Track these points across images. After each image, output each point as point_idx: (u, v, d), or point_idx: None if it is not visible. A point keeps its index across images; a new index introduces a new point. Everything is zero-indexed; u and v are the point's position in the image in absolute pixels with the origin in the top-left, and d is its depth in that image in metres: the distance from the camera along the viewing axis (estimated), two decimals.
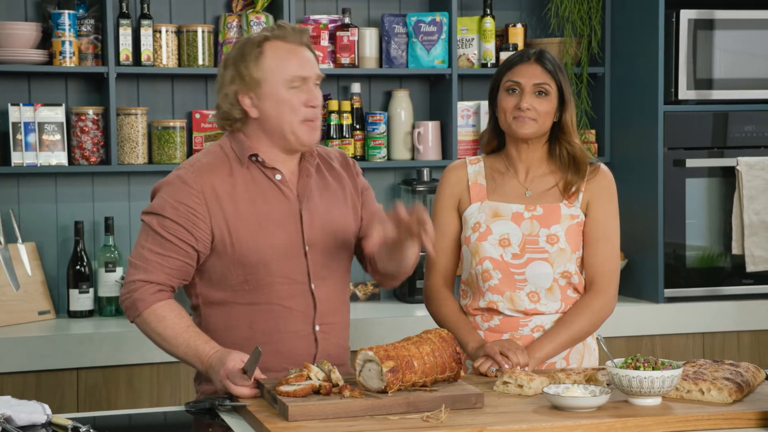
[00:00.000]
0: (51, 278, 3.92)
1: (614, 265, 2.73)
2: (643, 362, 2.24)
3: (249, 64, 2.48)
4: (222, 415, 2.27)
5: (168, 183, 2.51)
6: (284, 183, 2.54)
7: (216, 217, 2.48)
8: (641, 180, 4.08)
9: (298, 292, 2.53)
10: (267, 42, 2.49)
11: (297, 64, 2.48)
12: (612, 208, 2.74)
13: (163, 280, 2.48)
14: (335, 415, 2.13)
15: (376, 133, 4.13)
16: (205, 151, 2.58)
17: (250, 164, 2.53)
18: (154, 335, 2.49)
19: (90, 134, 3.85)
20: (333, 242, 2.57)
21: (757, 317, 4.05)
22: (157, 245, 2.48)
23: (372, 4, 4.24)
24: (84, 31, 3.86)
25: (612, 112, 4.26)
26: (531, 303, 2.69)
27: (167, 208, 2.47)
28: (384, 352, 2.23)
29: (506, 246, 2.69)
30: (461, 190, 2.77)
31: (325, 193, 2.60)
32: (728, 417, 2.18)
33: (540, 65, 2.68)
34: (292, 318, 2.52)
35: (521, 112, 2.66)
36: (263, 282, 2.50)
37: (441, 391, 2.24)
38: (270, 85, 2.47)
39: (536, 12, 4.36)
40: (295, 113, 2.48)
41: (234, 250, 2.49)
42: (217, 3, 4.09)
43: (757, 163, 4.03)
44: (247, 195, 2.51)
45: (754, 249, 4.03)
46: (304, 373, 2.27)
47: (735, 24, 4.04)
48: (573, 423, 2.12)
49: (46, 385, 3.48)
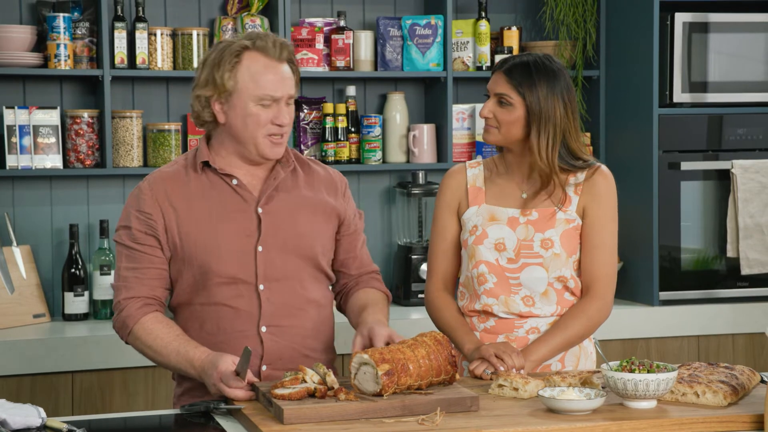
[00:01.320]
0: (46, 281, 3.92)
1: (611, 270, 2.73)
2: (639, 365, 2.25)
3: (224, 73, 2.49)
4: (217, 418, 2.27)
5: (131, 196, 2.60)
6: (241, 187, 2.56)
7: (169, 219, 2.54)
8: (636, 183, 4.08)
9: (244, 292, 2.54)
10: (246, 52, 2.50)
11: (271, 82, 2.49)
12: (610, 213, 2.73)
13: (146, 293, 2.53)
14: (330, 418, 2.14)
15: (371, 136, 4.13)
16: (169, 163, 2.65)
17: (206, 170, 2.57)
18: (146, 349, 2.51)
19: (85, 137, 3.85)
20: (292, 245, 2.57)
21: (752, 320, 4.06)
22: (130, 261, 2.55)
23: (367, 6, 4.25)
24: (79, 34, 3.86)
25: (607, 115, 4.27)
26: (526, 307, 2.70)
27: (132, 219, 2.56)
28: (379, 355, 2.23)
29: (501, 250, 2.69)
30: (461, 194, 2.78)
31: (293, 199, 2.60)
32: (723, 420, 2.18)
33: (505, 76, 2.66)
34: (238, 318, 2.54)
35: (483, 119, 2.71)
36: (210, 282, 2.53)
37: (436, 394, 2.24)
38: (240, 97, 2.49)
39: (531, 15, 4.37)
40: (260, 127, 2.51)
41: (183, 250, 2.53)
42: (212, 6, 4.09)
43: (752, 165, 4.03)
44: (202, 197, 2.55)
45: (748, 252, 4.03)
46: (299, 376, 2.27)
47: (729, 27, 4.05)
48: (568, 426, 2.12)
49: (41, 388, 3.48)
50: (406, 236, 4.20)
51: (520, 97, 2.66)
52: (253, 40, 2.51)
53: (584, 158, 2.74)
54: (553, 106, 2.65)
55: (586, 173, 2.73)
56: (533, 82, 2.65)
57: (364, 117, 4.14)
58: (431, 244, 2.82)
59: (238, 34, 3.95)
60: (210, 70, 2.51)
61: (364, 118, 4.13)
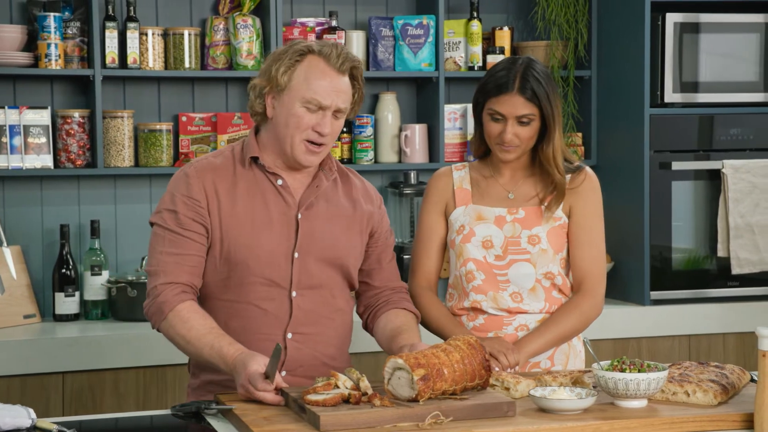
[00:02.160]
0: (36, 282, 3.91)
1: (601, 267, 2.76)
2: (629, 364, 2.25)
3: (281, 68, 2.49)
4: (208, 419, 2.27)
5: (175, 180, 2.55)
6: (286, 188, 2.55)
7: (213, 211, 2.51)
8: (627, 183, 4.09)
9: (276, 295, 2.52)
10: (309, 54, 2.49)
11: (322, 88, 2.47)
12: (596, 211, 2.75)
13: (185, 280, 2.48)
14: (368, 424, 2.09)
15: (363, 136, 4.13)
16: (215, 152, 2.62)
17: (253, 166, 2.55)
18: (179, 338, 2.45)
19: (76, 137, 3.84)
20: (327, 255, 2.56)
21: (743, 319, 4.06)
22: (172, 246, 2.49)
23: (359, 6, 4.24)
24: (70, 33, 3.86)
25: (598, 115, 4.27)
26: (514, 303, 2.71)
27: (178, 203, 2.51)
28: (414, 359, 2.19)
29: (489, 248, 2.71)
30: (447, 195, 2.79)
31: (332, 208, 2.59)
32: (714, 419, 2.19)
33: (521, 96, 2.64)
34: (266, 321, 2.52)
35: (504, 144, 2.67)
36: (244, 281, 2.51)
37: (472, 399, 2.21)
38: (290, 95, 2.48)
39: (523, 15, 4.37)
40: (300, 130, 2.49)
41: (222, 246, 2.51)
42: (203, 5, 4.09)
43: (743, 165, 4.04)
44: (247, 195, 2.53)
45: (739, 251, 4.04)
46: (332, 381, 2.23)
47: (720, 27, 4.06)
48: (559, 425, 2.12)
49: (31, 389, 3.47)
50: (398, 236, 4.19)
51: (538, 110, 2.66)
52: (321, 46, 2.50)
53: (573, 159, 2.77)
54: (557, 104, 2.69)
55: (571, 174, 2.74)
56: (543, 88, 2.65)
57: (356, 117, 4.14)
58: (417, 244, 2.83)
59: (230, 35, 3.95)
60: (271, 63, 2.51)
61: (356, 118, 4.13)
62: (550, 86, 2.67)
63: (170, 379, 3.57)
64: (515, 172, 2.76)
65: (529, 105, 2.64)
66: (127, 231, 4.01)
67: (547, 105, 2.65)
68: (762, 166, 4.05)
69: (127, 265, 4.00)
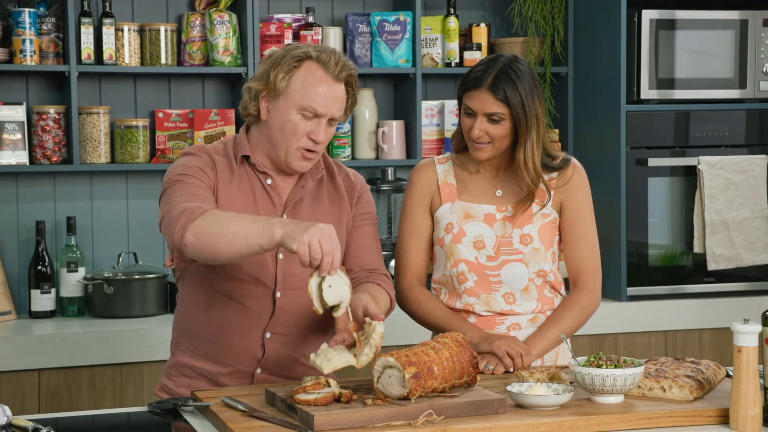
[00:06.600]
0: (12, 278, 3.89)
1: (596, 261, 2.75)
2: (606, 360, 2.26)
3: (279, 73, 2.47)
4: (185, 416, 2.26)
5: (185, 153, 2.53)
6: (274, 188, 2.54)
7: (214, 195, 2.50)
8: (604, 179, 4.10)
9: (261, 294, 2.52)
10: (307, 60, 2.47)
11: (320, 96, 2.46)
12: (587, 204, 2.74)
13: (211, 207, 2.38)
14: (362, 423, 2.08)
15: (340, 132, 4.12)
16: (213, 144, 2.60)
17: (244, 164, 2.55)
18: (214, 226, 2.26)
19: (51, 133, 3.82)
20: None
21: (718, 315, 4.09)
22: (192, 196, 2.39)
23: (336, 3, 4.24)
24: (45, 29, 3.83)
25: (575, 111, 4.29)
26: (507, 304, 2.69)
27: (191, 168, 2.47)
28: (405, 357, 2.19)
29: (481, 248, 2.68)
30: (432, 190, 2.75)
31: (317, 209, 2.58)
32: (689, 414, 2.20)
33: (491, 94, 2.60)
34: (246, 317, 2.51)
35: (475, 140, 2.64)
36: (233, 276, 2.50)
37: (462, 397, 2.21)
38: (286, 101, 2.47)
39: (500, 12, 4.38)
40: (295, 138, 2.47)
41: None
42: (180, 2, 4.07)
43: (718, 162, 4.06)
44: (240, 190, 2.52)
45: (715, 247, 4.07)
46: (321, 380, 2.22)
47: (696, 24, 4.08)
48: (536, 421, 2.12)
49: (6, 386, 3.45)
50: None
51: (508, 109, 2.61)
52: (319, 52, 2.48)
53: (558, 155, 2.73)
54: (535, 108, 2.62)
55: (558, 171, 2.72)
56: (517, 91, 2.60)
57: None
58: (403, 241, 2.78)
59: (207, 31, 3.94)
60: (268, 67, 2.49)
61: None
62: (527, 88, 2.61)
63: (147, 377, 3.56)
64: (497, 171, 2.73)
65: (498, 104, 2.60)
66: (103, 227, 4.00)
67: (518, 107, 2.59)
68: (737, 163, 4.08)
69: (104, 262, 3.98)
